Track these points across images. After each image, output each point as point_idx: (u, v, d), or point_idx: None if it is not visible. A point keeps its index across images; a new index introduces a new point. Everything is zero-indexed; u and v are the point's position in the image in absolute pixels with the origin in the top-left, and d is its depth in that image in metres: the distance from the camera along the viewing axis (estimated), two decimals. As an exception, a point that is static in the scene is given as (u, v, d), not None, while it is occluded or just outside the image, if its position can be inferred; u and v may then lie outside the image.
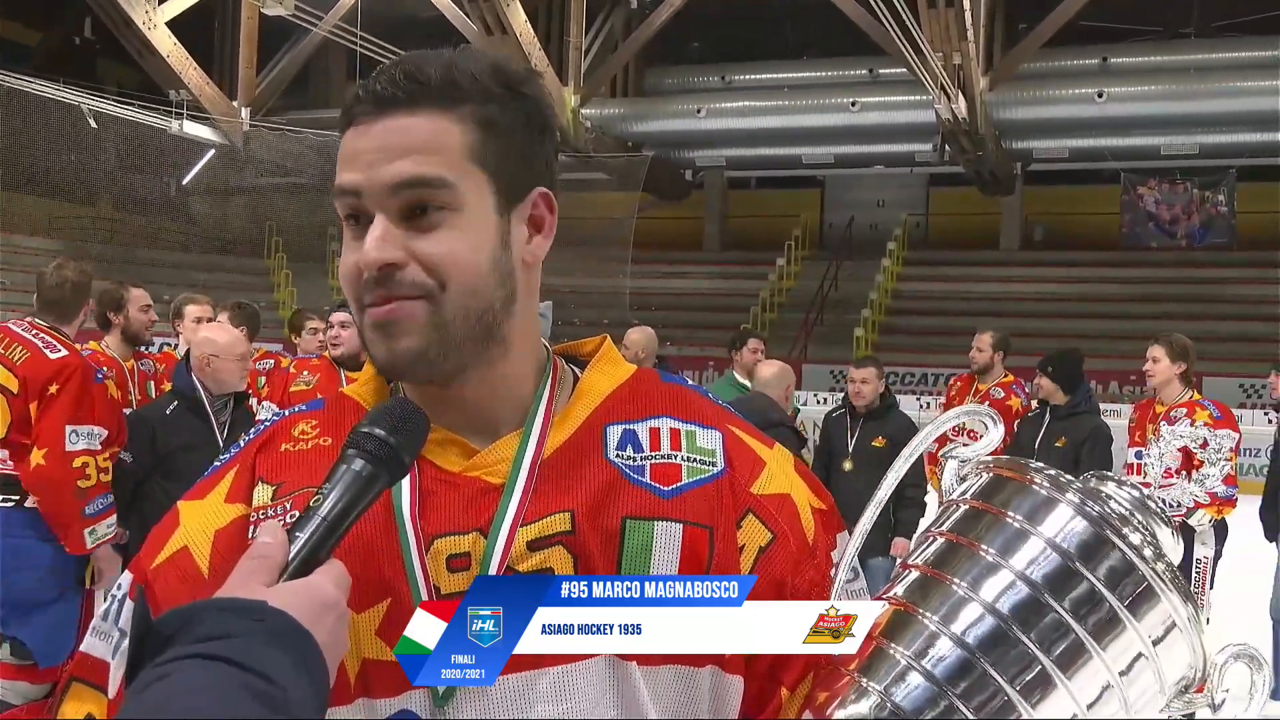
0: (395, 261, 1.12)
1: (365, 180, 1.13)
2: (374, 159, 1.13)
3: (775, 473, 1.24)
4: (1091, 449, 6.84)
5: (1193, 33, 25.86)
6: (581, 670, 1.11)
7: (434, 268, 1.13)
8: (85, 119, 23.16)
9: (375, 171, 1.12)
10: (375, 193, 1.13)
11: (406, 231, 1.13)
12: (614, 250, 25.80)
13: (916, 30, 19.94)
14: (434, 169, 1.13)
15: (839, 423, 7.27)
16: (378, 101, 1.14)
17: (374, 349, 1.16)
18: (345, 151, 1.16)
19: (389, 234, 1.12)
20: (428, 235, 1.13)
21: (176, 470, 5.18)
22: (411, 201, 1.13)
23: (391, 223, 1.13)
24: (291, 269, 28.54)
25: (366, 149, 1.13)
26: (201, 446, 5.17)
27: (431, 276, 1.13)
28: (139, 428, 5.39)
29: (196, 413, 5.28)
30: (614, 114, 26.95)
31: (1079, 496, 1.06)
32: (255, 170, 27.40)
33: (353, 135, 1.15)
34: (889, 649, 1.07)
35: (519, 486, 1.15)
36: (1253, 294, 23.95)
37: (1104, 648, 1.02)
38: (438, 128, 1.14)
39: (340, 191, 1.15)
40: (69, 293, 5.28)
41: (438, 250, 1.13)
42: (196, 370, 5.28)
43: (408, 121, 1.13)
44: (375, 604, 1.12)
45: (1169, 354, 6.58)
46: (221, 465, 1.26)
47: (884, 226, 29.40)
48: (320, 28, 23.97)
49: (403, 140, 1.13)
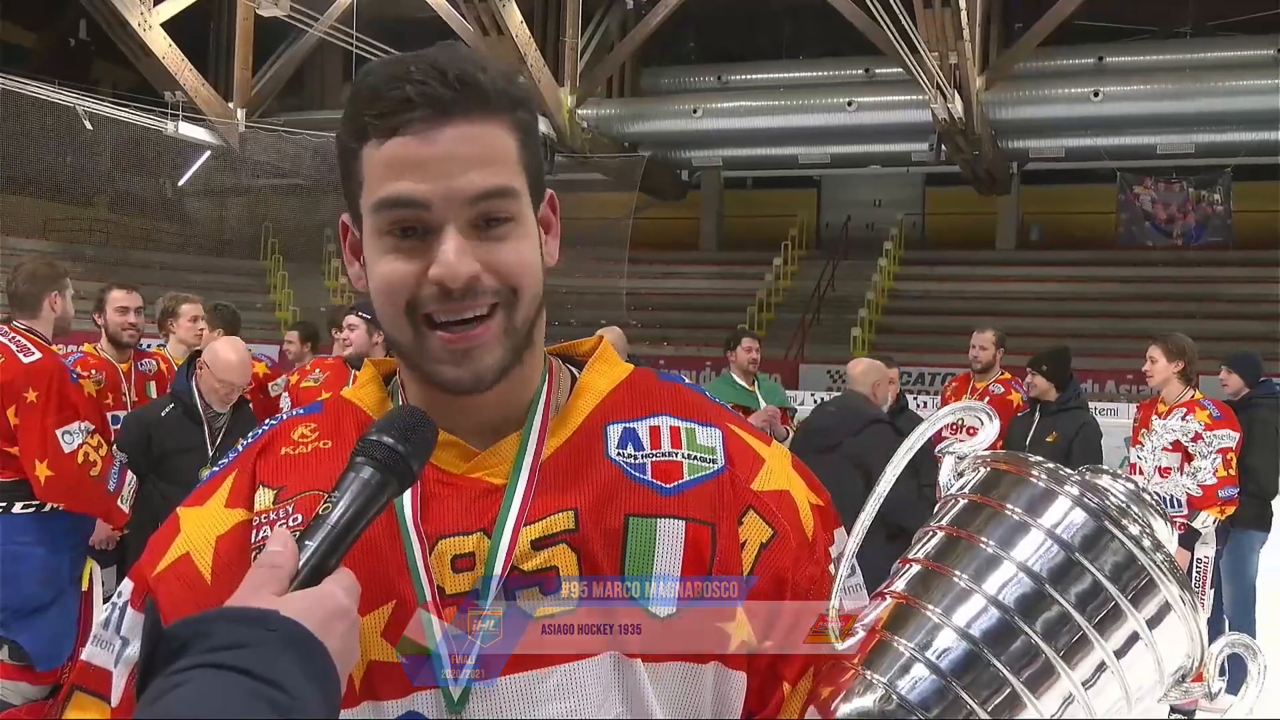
0: (476, 274, 1.11)
1: (437, 191, 1.10)
2: (445, 168, 1.10)
3: (774, 469, 1.24)
4: (1083, 443, 6.91)
5: (1188, 32, 25.88)
6: (587, 668, 1.11)
7: (507, 276, 1.13)
8: (81, 120, 23.12)
9: (449, 181, 1.10)
10: (450, 204, 1.10)
11: (476, 241, 1.12)
12: (610, 250, 25.79)
13: (912, 30, 19.95)
14: (507, 179, 1.12)
15: None
16: (436, 106, 1.09)
17: (449, 371, 1.14)
18: (398, 159, 1.10)
19: (464, 246, 1.11)
20: (499, 244, 1.12)
21: (171, 473, 5.22)
22: (485, 212, 1.12)
23: (462, 234, 1.11)
24: (288, 270, 28.53)
25: (433, 157, 1.09)
26: (195, 451, 5.22)
27: (504, 285, 1.13)
28: (134, 429, 5.40)
29: (192, 417, 5.30)
30: (610, 114, 26.94)
31: (1078, 489, 1.07)
32: (251, 171, 27.36)
33: (407, 143, 1.10)
34: (893, 642, 1.08)
35: (520, 486, 1.15)
36: (1248, 293, 23.98)
37: (1105, 636, 1.03)
38: (498, 136, 1.13)
39: (399, 203, 1.11)
40: (29, 285, 5.22)
41: (509, 260, 1.13)
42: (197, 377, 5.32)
43: (472, 130, 1.11)
44: (380, 606, 1.12)
45: (1166, 354, 6.61)
46: (220, 470, 1.26)
47: (880, 226, 29.43)
48: (316, 29, 23.96)
49: (472, 150, 1.11)
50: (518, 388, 1.20)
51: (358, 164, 1.14)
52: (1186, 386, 6.63)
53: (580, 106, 25.57)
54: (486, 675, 1.10)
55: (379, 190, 1.12)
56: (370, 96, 1.11)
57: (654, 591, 1.13)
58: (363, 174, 1.13)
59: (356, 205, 1.16)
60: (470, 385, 1.14)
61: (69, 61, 28.42)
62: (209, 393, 5.29)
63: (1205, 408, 6.53)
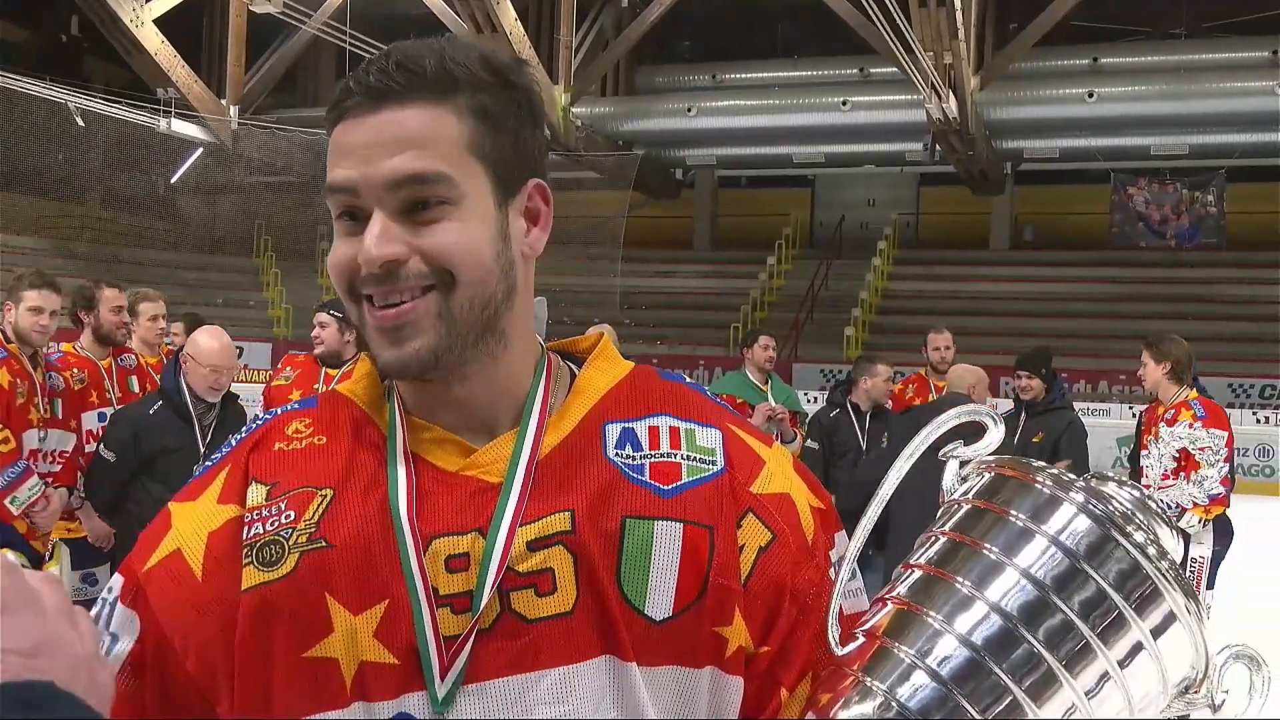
0: (397, 257, 1.10)
1: (361, 176, 1.10)
2: (369, 154, 1.10)
3: (775, 472, 1.23)
4: (1070, 442, 6.99)
5: (1183, 33, 25.95)
6: (582, 671, 1.10)
7: (439, 261, 1.11)
8: (73, 117, 23.10)
9: (371, 167, 1.10)
10: (372, 189, 1.10)
11: (406, 226, 1.11)
12: (604, 249, 25.84)
13: (907, 29, 19.97)
14: (432, 163, 1.11)
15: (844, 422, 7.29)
16: (370, 94, 1.11)
17: (381, 351, 1.14)
18: (337, 146, 1.13)
19: (389, 230, 1.10)
20: (429, 229, 1.11)
21: (160, 471, 5.22)
22: (411, 197, 1.11)
23: (390, 218, 1.11)
24: (280, 268, 28.53)
25: (360, 143, 1.11)
26: (184, 448, 5.21)
27: (437, 268, 1.12)
28: (122, 427, 5.40)
29: (181, 415, 5.29)
30: (604, 112, 26.96)
31: (1083, 495, 1.05)
32: (244, 169, 27.38)
33: (344, 129, 1.12)
34: (893, 648, 1.06)
35: (516, 486, 1.14)
36: (1242, 294, 24.07)
37: (1109, 646, 1.02)
38: (433, 119, 1.12)
39: (334, 188, 1.13)
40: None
41: (440, 243, 1.11)
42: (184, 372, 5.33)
43: (402, 114, 1.11)
44: (373, 605, 1.11)
45: (1154, 356, 6.65)
46: (213, 466, 1.24)
47: (874, 226, 29.50)
48: (309, 25, 23.95)
49: (398, 133, 1.10)
50: (497, 382, 1.18)
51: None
52: (1180, 387, 6.65)
53: (574, 105, 25.59)
54: (479, 677, 1.08)
55: (328, 176, 1.14)
56: (340, 86, 1.15)
57: (650, 595, 1.12)
58: None
59: None
60: (398, 367, 1.14)
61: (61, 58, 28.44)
62: (199, 384, 5.29)
63: (1191, 408, 6.55)
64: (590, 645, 1.10)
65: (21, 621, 0.79)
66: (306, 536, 1.13)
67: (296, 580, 1.11)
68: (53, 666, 0.78)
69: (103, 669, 0.84)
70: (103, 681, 0.83)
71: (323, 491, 1.16)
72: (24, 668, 0.76)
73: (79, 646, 0.81)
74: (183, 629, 1.14)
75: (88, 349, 6.09)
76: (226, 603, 1.13)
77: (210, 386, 5.29)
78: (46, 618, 0.81)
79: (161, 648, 1.14)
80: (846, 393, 7.31)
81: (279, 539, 1.14)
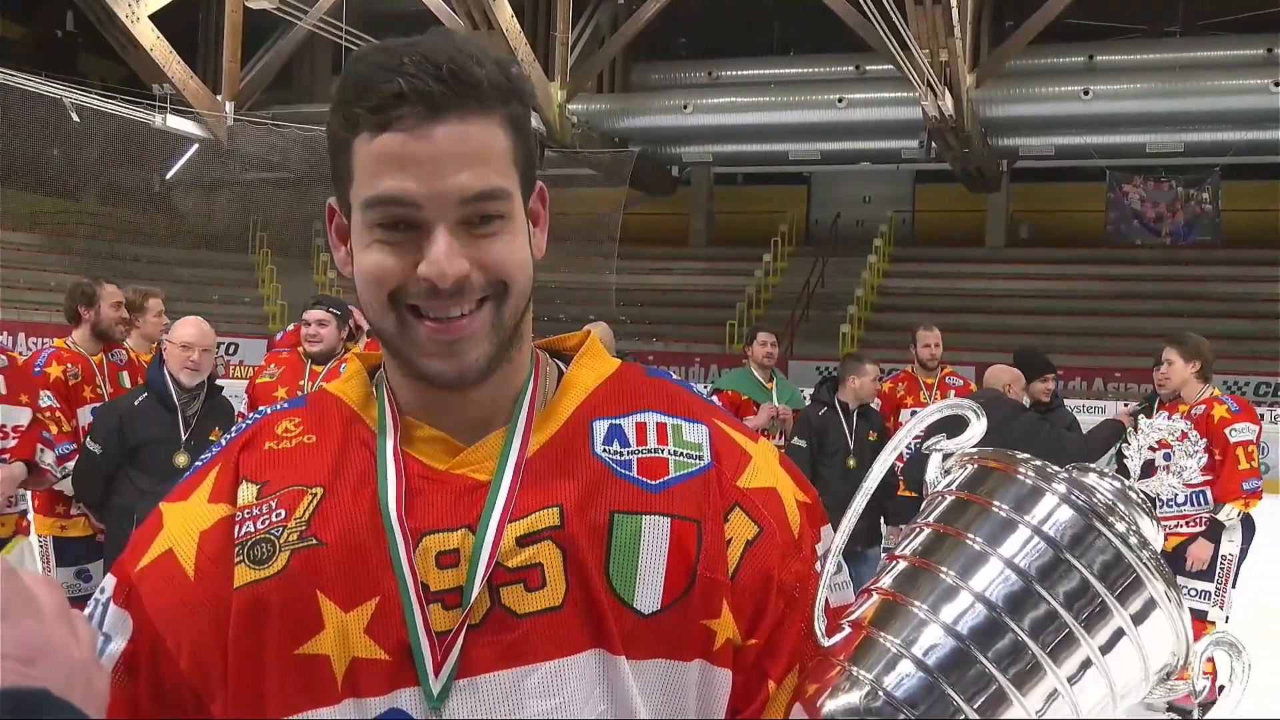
0: (466, 274, 1.11)
1: (426, 191, 1.09)
2: (435, 168, 1.09)
3: (761, 466, 1.24)
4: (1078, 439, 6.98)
5: (1178, 31, 25.95)
6: (571, 665, 1.11)
7: (498, 274, 1.13)
8: (68, 113, 23.06)
9: (440, 182, 1.09)
10: (440, 204, 1.10)
11: (464, 240, 1.11)
12: (600, 246, 25.83)
13: (903, 27, 19.96)
14: (498, 180, 1.12)
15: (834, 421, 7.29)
16: (428, 104, 1.08)
17: (434, 362, 1.14)
18: (389, 156, 1.09)
19: (454, 246, 1.10)
20: (489, 242, 1.12)
21: (145, 462, 5.26)
22: (476, 213, 1.11)
23: (452, 233, 1.11)
24: (276, 264, 28.48)
25: (424, 157, 1.09)
26: (169, 440, 5.26)
27: (494, 280, 1.13)
28: (108, 418, 5.43)
29: (165, 405, 5.33)
30: (600, 109, 26.93)
31: (1065, 486, 1.07)
32: (240, 165, 27.33)
33: (399, 140, 1.09)
34: (879, 638, 1.08)
35: (505, 482, 1.15)
36: (1236, 292, 24.10)
37: (1091, 634, 1.04)
38: (489, 134, 1.12)
39: (388, 200, 1.10)
40: None
41: (500, 258, 1.12)
42: (166, 363, 5.35)
43: (465, 128, 1.10)
44: (364, 602, 1.11)
45: (1183, 355, 6.64)
46: (203, 465, 1.25)
47: (870, 223, 29.50)
48: (305, 21, 23.91)
49: (464, 148, 1.10)
50: (506, 383, 1.20)
51: (348, 155, 1.13)
52: (1204, 385, 6.66)
53: (570, 101, 25.55)
54: (471, 672, 1.09)
55: (369, 187, 1.11)
56: (362, 87, 1.10)
57: (639, 589, 1.12)
58: (353, 166, 1.12)
59: (346, 194, 1.15)
60: (455, 379, 1.14)
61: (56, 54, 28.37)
62: (177, 367, 5.31)
63: (1224, 403, 6.58)
64: (579, 639, 1.11)
65: (20, 627, 0.79)
66: (297, 534, 1.14)
67: (287, 578, 1.12)
68: (49, 673, 0.78)
69: (99, 674, 0.84)
70: (99, 688, 0.83)
71: (313, 490, 1.17)
72: (20, 674, 0.76)
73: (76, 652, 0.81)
74: (175, 628, 1.15)
75: (81, 344, 6.12)
76: (218, 601, 1.14)
77: (185, 366, 5.30)
78: (44, 622, 0.81)
79: (154, 647, 1.15)
80: (834, 391, 7.30)
81: (270, 537, 1.15)
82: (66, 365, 5.98)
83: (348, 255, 1.18)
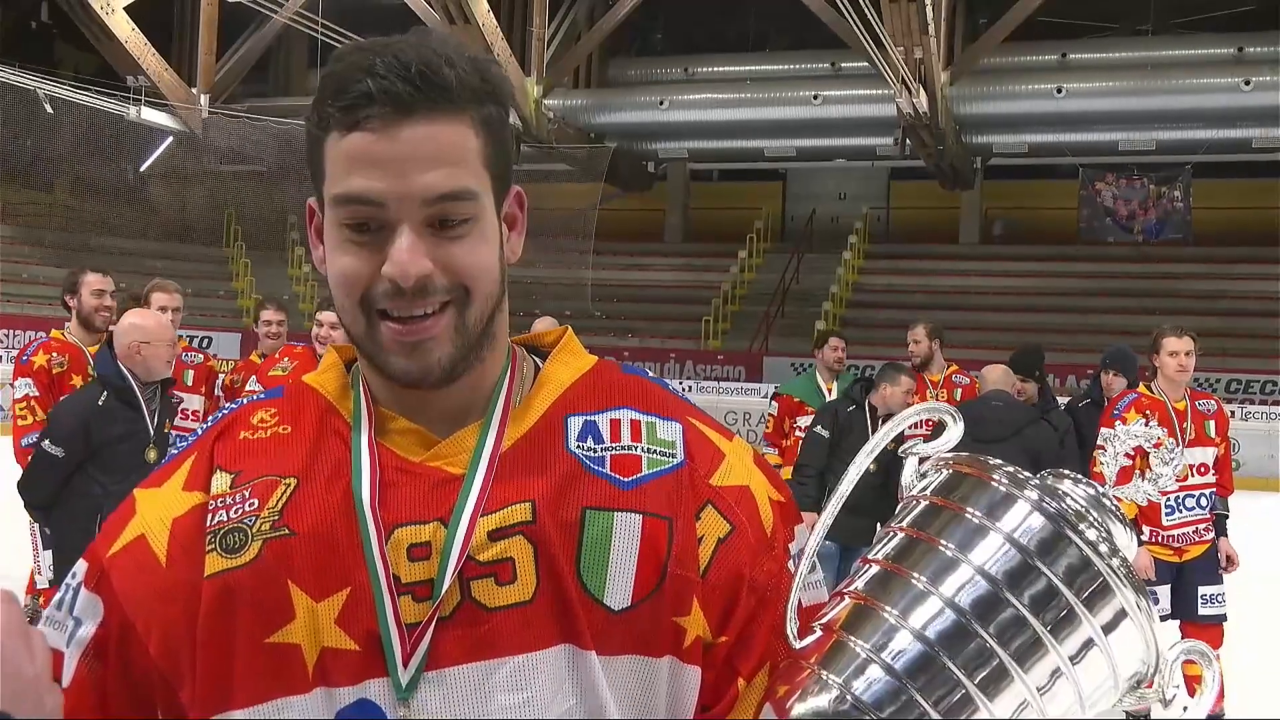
0: (429, 274, 1.11)
1: (392, 191, 1.09)
2: (402, 168, 1.09)
3: (734, 465, 1.24)
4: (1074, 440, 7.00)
5: (1151, 30, 26.13)
6: (540, 659, 1.11)
7: (460, 277, 1.13)
8: (41, 104, 22.89)
9: (405, 182, 1.09)
10: (405, 204, 1.10)
11: (429, 241, 1.11)
12: (576, 241, 25.82)
13: (878, 24, 20.03)
14: (466, 181, 1.12)
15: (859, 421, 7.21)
16: (396, 104, 1.09)
17: (398, 362, 1.14)
18: (357, 155, 1.10)
19: (417, 245, 1.11)
20: (454, 244, 1.12)
21: (110, 462, 5.06)
22: (442, 214, 1.11)
23: (417, 233, 1.11)
24: (250, 257, 28.37)
25: (391, 157, 1.09)
26: (135, 436, 5.10)
27: (457, 284, 1.13)
28: (70, 421, 5.18)
29: (129, 403, 5.15)
30: (577, 105, 26.92)
31: (1037, 493, 1.07)
32: (214, 157, 27.19)
33: (366, 140, 1.10)
34: (849, 642, 1.08)
35: (479, 476, 1.15)
36: (1207, 289, 24.28)
37: (1060, 641, 1.04)
38: (459, 134, 1.12)
39: (353, 199, 1.11)
40: None
41: (464, 261, 1.13)
42: (123, 358, 5.13)
43: (433, 129, 1.10)
44: (335, 593, 1.12)
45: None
46: (179, 453, 1.25)
47: (845, 219, 29.59)
48: (281, 14, 23.81)
49: (432, 149, 1.10)
50: (480, 378, 1.20)
51: (321, 152, 1.14)
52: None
53: (547, 96, 25.53)
54: (439, 665, 1.10)
55: (337, 184, 1.12)
56: (335, 86, 1.11)
57: (609, 585, 1.13)
58: (325, 163, 1.13)
59: (320, 192, 1.16)
60: (418, 377, 1.15)
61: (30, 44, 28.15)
62: (129, 361, 5.10)
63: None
64: (549, 634, 1.11)
65: None
66: (270, 524, 1.14)
67: (259, 567, 1.12)
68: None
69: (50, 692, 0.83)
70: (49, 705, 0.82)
71: (286, 480, 1.17)
72: None
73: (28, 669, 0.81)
74: (145, 614, 1.15)
75: (74, 334, 6.14)
76: (189, 589, 1.14)
77: (138, 359, 5.08)
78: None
79: (124, 632, 1.15)
80: (866, 391, 7.26)
81: (242, 526, 1.15)
82: (53, 355, 6.01)
83: (325, 254, 1.19)
